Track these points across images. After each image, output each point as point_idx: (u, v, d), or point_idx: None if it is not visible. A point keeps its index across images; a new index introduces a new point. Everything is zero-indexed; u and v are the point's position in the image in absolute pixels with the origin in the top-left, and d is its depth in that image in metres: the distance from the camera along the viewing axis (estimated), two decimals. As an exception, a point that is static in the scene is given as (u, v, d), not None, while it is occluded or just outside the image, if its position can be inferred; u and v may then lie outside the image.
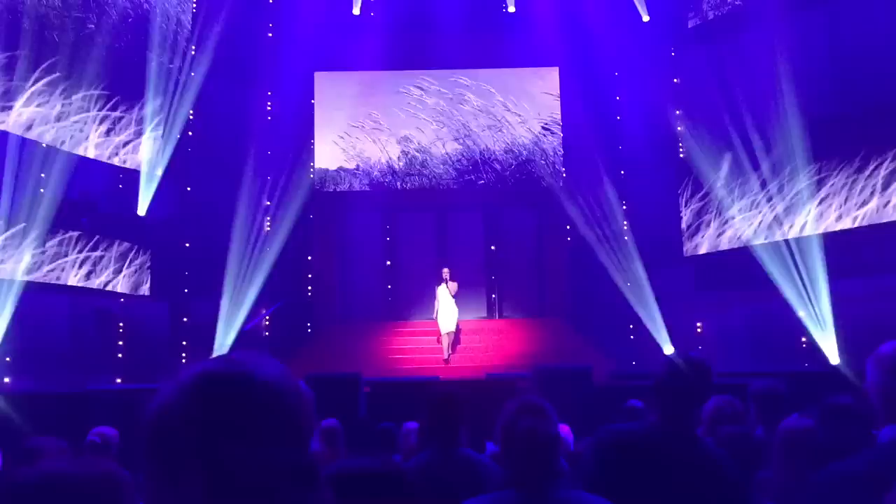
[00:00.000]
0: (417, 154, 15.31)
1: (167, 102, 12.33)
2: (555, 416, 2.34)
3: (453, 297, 13.20)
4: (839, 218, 11.30)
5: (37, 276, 10.19)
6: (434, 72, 15.42)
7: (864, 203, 11.03)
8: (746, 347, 11.68)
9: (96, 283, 11.34)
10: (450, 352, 12.99)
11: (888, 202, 10.78)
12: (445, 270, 13.48)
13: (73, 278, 10.95)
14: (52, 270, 10.59)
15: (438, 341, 13.17)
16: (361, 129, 15.30)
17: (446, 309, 13.12)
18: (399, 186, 15.28)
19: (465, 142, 15.33)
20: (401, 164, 15.30)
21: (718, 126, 12.32)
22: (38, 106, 10.37)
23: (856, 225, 11.10)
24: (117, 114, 11.73)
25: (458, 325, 13.22)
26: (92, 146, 11.36)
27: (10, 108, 10.01)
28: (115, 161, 11.76)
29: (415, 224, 15.57)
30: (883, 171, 10.86)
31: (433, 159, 15.31)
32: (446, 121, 15.36)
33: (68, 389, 8.96)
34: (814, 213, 11.51)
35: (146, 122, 12.14)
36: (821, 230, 11.34)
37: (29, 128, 10.22)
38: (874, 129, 10.94)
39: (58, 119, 10.67)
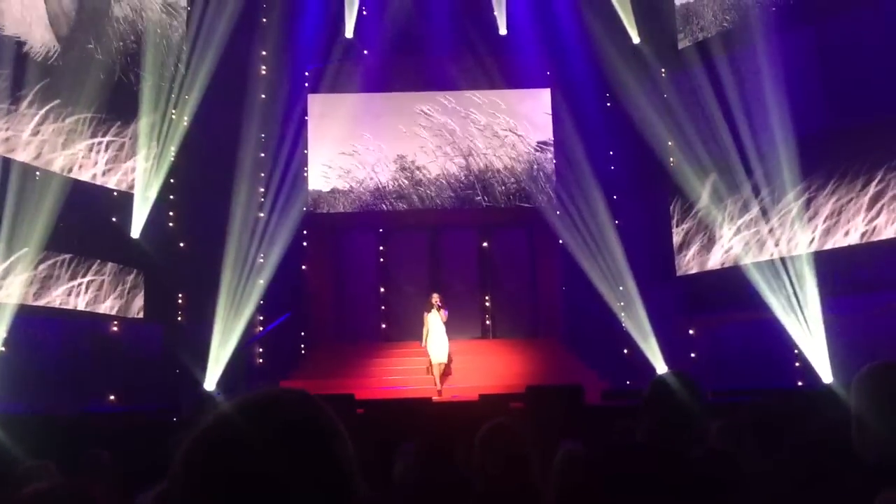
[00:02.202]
0: (410, 175, 15.36)
1: (160, 123, 12.36)
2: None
3: (444, 324, 12.73)
4: (831, 236, 11.37)
5: (29, 299, 10.17)
6: (427, 93, 15.51)
7: (856, 221, 11.11)
8: (740, 366, 11.69)
9: (89, 305, 11.31)
10: (441, 384, 12.46)
11: (879, 220, 10.86)
12: (436, 297, 13.00)
13: (66, 301, 10.93)
14: (45, 293, 10.57)
15: (429, 371, 12.73)
16: (355, 150, 15.35)
17: (437, 338, 12.59)
18: (392, 207, 15.31)
19: (458, 162, 15.39)
20: (394, 185, 15.35)
21: (709, 145, 12.41)
22: (33, 132, 10.41)
23: (847, 243, 11.16)
24: (110, 136, 11.76)
25: (449, 355, 12.75)
26: (85, 168, 11.37)
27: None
28: (108, 182, 11.77)
29: (408, 245, 15.61)
30: (873, 190, 10.95)
31: (426, 180, 15.36)
32: (439, 142, 15.43)
33: (61, 412, 8.92)
34: (805, 232, 11.57)
35: (139, 143, 12.16)
36: (812, 248, 11.40)
37: (15, 150, 10.24)
38: (864, 147, 11.04)
39: (52, 141, 10.71)
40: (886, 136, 10.78)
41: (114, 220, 11.80)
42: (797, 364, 11.00)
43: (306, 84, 15.42)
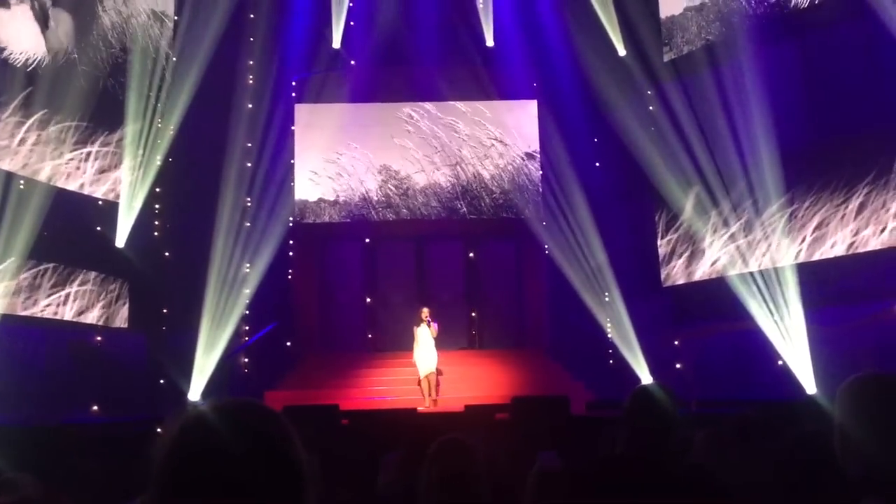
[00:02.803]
0: (397, 185, 15.38)
1: (146, 132, 12.31)
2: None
3: (434, 339, 12.54)
4: (814, 248, 11.45)
5: (11, 309, 10.09)
6: (414, 104, 15.55)
7: (838, 233, 11.20)
8: (724, 377, 11.73)
9: (73, 315, 11.23)
10: (436, 394, 12.33)
11: (863, 232, 10.95)
12: (426, 310, 12.82)
13: (49, 310, 10.85)
14: (28, 303, 10.49)
15: (418, 384, 12.52)
16: (341, 160, 15.36)
17: (426, 351, 12.44)
18: (378, 217, 15.31)
19: (445, 173, 15.42)
20: (380, 195, 15.35)
21: (693, 157, 12.48)
22: (19, 142, 10.35)
23: (830, 255, 11.25)
24: (98, 146, 11.71)
25: (438, 369, 12.59)
26: (70, 177, 11.31)
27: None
28: (93, 192, 11.71)
29: (394, 255, 15.61)
30: (854, 202, 11.04)
31: (413, 190, 15.38)
32: (426, 152, 15.46)
33: (43, 423, 8.83)
34: (788, 244, 11.65)
35: (125, 151, 12.11)
36: (795, 260, 11.48)
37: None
38: (847, 160, 11.13)
39: (39, 150, 10.65)
40: (867, 149, 10.89)
41: (98, 229, 11.72)
42: (781, 375, 11.04)
43: (293, 94, 15.42)
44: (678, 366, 12.76)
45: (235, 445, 1.12)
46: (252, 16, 14.18)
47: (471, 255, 15.68)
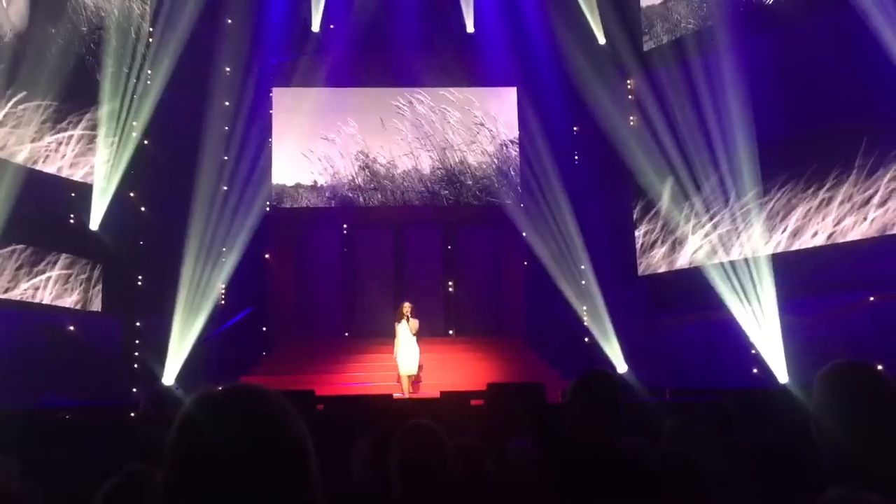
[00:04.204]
0: (375, 171, 15.31)
1: (122, 113, 12.15)
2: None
3: (415, 335, 12.30)
4: (790, 239, 11.57)
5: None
6: (393, 89, 15.46)
7: (813, 224, 11.32)
8: (699, 366, 11.84)
9: (45, 298, 11.11)
10: (409, 393, 11.93)
11: (836, 224, 11.07)
12: (407, 306, 12.52)
13: (21, 293, 10.73)
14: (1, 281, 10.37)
15: (397, 380, 12.20)
16: (319, 145, 15.26)
17: (408, 349, 12.16)
18: (356, 203, 15.26)
19: (424, 159, 15.38)
20: (358, 180, 15.28)
21: (672, 147, 12.54)
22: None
23: (806, 246, 11.37)
24: (71, 125, 11.56)
25: (420, 366, 12.31)
26: (43, 158, 11.16)
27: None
28: (67, 173, 11.57)
29: (373, 241, 15.56)
30: (824, 194, 11.17)
31: (391, 176, 15.33)
32: (405, 138, 15.40)
33: (16, 407, 8.74)
34: (764, 235, 11.75)
35: (100, 133, 11.96)
36: (771, 251, 11.59)
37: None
38: (821, 152, 11.24)
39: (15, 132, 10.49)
40: (841, 142, 11.00)
41: (72, 211, 11.59)
42: (754, 365, 11.16)
43: (272, 77, 15.27)
44: (653, 354, 12.85)
45: (235, 436, 1.16)
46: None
47: (449, 242, 15.66)
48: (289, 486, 1.17)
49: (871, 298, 10.35)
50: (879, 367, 2.17)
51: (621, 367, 12.36)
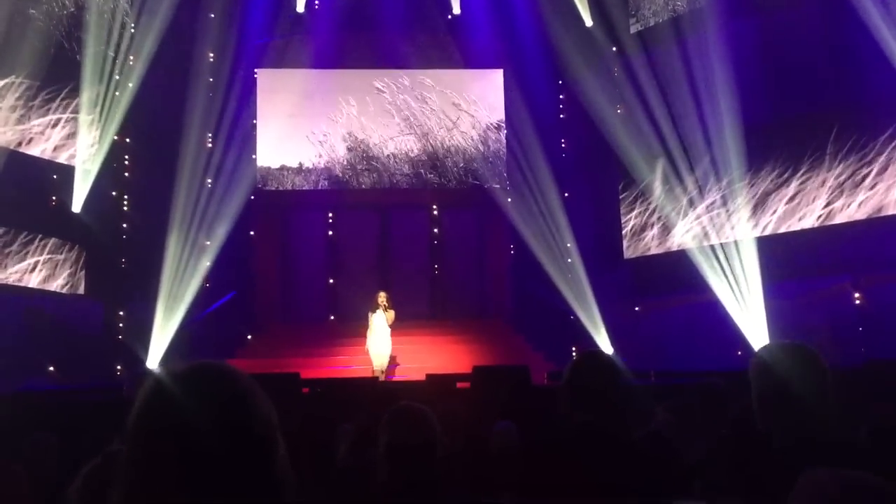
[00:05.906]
0: (361, 153, 15.22)
1: (104, 95, 12.02)
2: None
3: (389, 326, 11.94)
4: (773, 222, 11.62)
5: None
6: (379, 71, 15.36)
7: (796, 208, 11.38)
8: (684, 348, 11.89)
9: (27, 281, 11.01)
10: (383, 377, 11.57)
11: (819, 208, 11.14)
12: (382, 295, 12.18)
13: (2, 276, 10.62)
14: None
15: (372, 373, 11.63)
16: (304, 127, 15.14)
17: (380, 341, 11.75)
18: (342, 186, 15.18)
19: (410, 141, 15.31)
20: (345, 163, 15.20)
21: (658, 131, 12.53)
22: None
23: (789, 229, 11.43)
24: (53, 106, 11.42)
25: (391, 357, 11.97)
26: (25, 140, 11.03)
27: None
28: (49, 155, 11.44)
29: (358, 224, 15.51)
30: (800, 179, 11.23)
31: (376, 159, 15.25)
32: (391, 120, 15.32)
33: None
34: (748, 218, 11.80)
35: (82, 114, 11.82)
36: (755, 234, 11.63)
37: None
38: (805, 137, 11.29)
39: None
40: (827, 124, 11.05)
41: (54, 193, 11.47)
42: (738, 347, 11.22)
43: (256, 59, 15.12)
44: (638, 337, 12.91)
45: (197, 414, 1.15)
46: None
47: (434, 225, 15.63)
48: (252, 464, 1.17)
49: (848, 283, 10.47)
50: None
51: (607, 349, 12.40)
